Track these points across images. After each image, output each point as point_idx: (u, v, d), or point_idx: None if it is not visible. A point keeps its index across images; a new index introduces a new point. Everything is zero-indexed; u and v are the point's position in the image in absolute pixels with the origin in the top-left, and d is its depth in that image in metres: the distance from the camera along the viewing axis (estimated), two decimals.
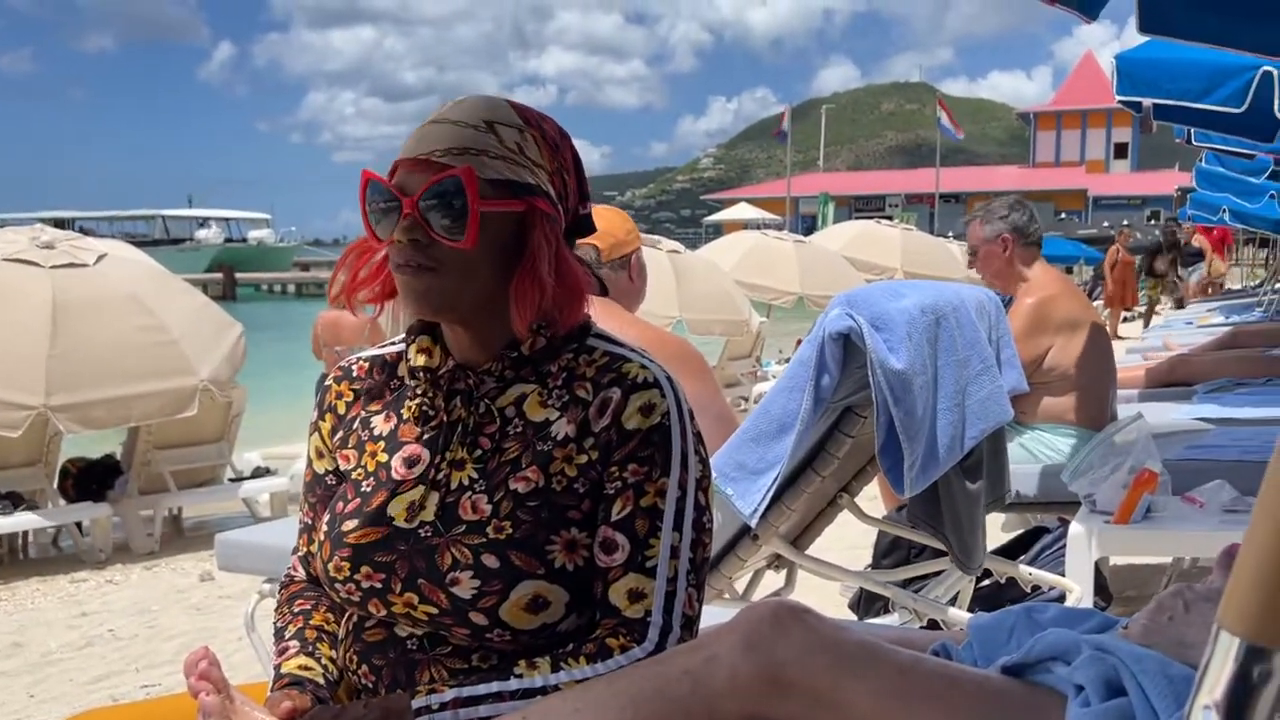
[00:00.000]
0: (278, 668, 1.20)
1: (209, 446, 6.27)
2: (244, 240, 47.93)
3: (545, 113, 1.21)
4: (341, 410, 1.28)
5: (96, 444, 6.47)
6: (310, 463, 1.30)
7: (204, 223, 49.33)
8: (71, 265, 5.66)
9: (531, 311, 1.15)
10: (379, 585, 1.16)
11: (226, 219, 50.53)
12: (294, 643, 1.22)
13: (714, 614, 1.81)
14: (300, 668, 1.19)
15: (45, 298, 5.42)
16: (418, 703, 1.09)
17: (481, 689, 1.10)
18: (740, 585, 2.74)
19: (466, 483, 1.17)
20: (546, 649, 1.14)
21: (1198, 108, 3.62)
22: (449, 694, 1.09)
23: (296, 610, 1.26)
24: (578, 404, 1.17)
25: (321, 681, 1.18)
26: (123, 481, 5.83)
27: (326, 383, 1.32)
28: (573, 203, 1.20)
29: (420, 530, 1.16)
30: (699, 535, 1.17)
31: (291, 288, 42.71)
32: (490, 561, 1.12)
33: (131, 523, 5.73)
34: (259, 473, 6.56)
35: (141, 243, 27.13)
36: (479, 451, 1.18)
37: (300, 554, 1.31)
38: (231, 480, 6.40)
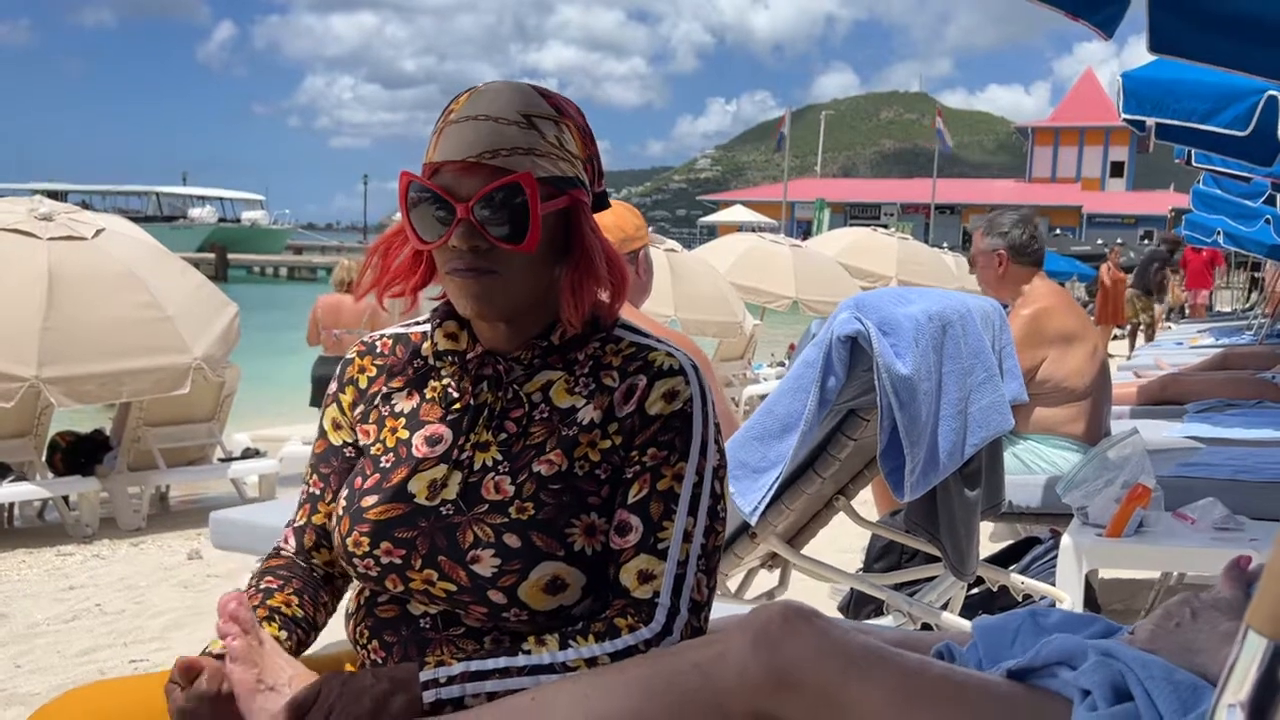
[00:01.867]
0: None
1: (199, 425, 6.25)
2: (238, 220, 47.74)
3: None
4: (363, 385, 1.29)
5: (86, 418, 6.44)
6: (325, 434, 1.30)
7: (198, 201, 49.10)
8: (69, 238, 5.63)
9: (589, 304, 1.17)
10: (398, 561, 1.17)
11: (221, 198, 50.34)
12: None
13: None
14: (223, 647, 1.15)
15: (41, 269, 5.38)
16: (425, 675, 1.09)
17: (490, 663, 1.10)
18: (734, 584, 2.76)
19: (490, 464, 1.18)
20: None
21: (1202, 129, 3.65)
22: (457, 667, 1.10)
23: (261, 587, 1.24)
24: (604, 391, 1.19)
25: None
26: (112, 457, 5.81)
27: (349, 356, 1.32)
28: (594, 185, 1.22)
29: (442, 508, 1.17)
30: (712, 523, 1.18)
31: (284, 271, 42.55)
32: (512, 541, 1.14)
33: (119, 499, 5.71)
34: (249, 454, 6.54)
35: (135, 218, 26.98)
36: (504, 435, 1.19)
37: (297, 525, 1.30)
38: (221, 460, 6.39)
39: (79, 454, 5.83)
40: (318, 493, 1.28)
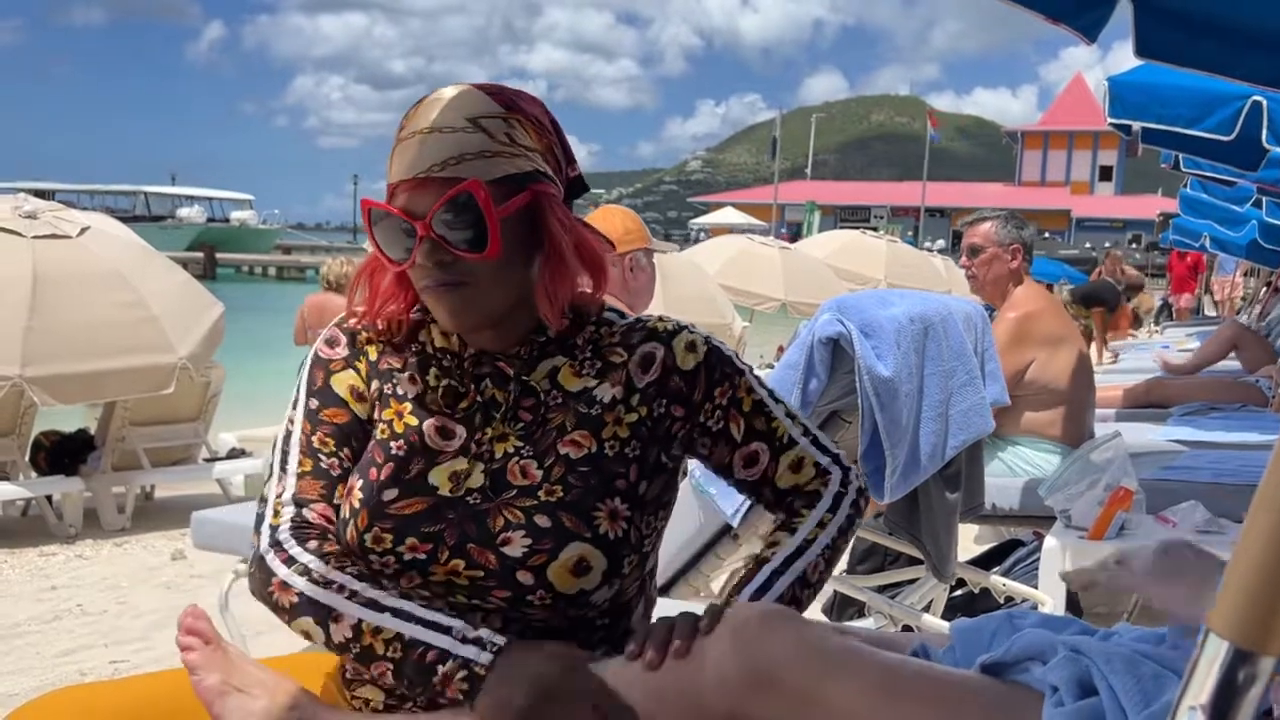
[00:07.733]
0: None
1: (184, 425, 6.22)
2: (226, 220, 47.52)
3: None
4: (373, 356, 1.25)
5: (71, 418, 6.40)
6: (346, 404, 1.22)
7: (186, 201, 48.88)
8: (54, 236, 5.60)
9: (566, 300, 1.18)
10: (423, 557, 1.14)
11: (209, 198, 50.10)
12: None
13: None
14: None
15: (26, 268, 5.35)
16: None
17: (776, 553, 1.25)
18: (717, 585, 2.75)
19: (512, 451, 1.18)
20: (578, 620, 1.15)
21: (1188, 134, 3.66)
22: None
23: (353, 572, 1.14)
24: (616, 368, 1.20)
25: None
26: (96, 457, 5.78)
27: (349, 323, 1.27)
28: (565, 172, 1.21)
29: (468, 498, 1.16)
30: (788, 404, 1.31)
31: (272, 270, 42.38)
32: (542, 521, 1.13)
33: (103, 499, 5.68)
34: (234, 454, 6.52)
35: (123, 218, 26.79)
36: (520, 425, 1.19)
37: (322, 500, 1.18)
38: (206, 460, 6.36)
39: (63, 454, 5.80)
40: (338, 475, 1.19)
